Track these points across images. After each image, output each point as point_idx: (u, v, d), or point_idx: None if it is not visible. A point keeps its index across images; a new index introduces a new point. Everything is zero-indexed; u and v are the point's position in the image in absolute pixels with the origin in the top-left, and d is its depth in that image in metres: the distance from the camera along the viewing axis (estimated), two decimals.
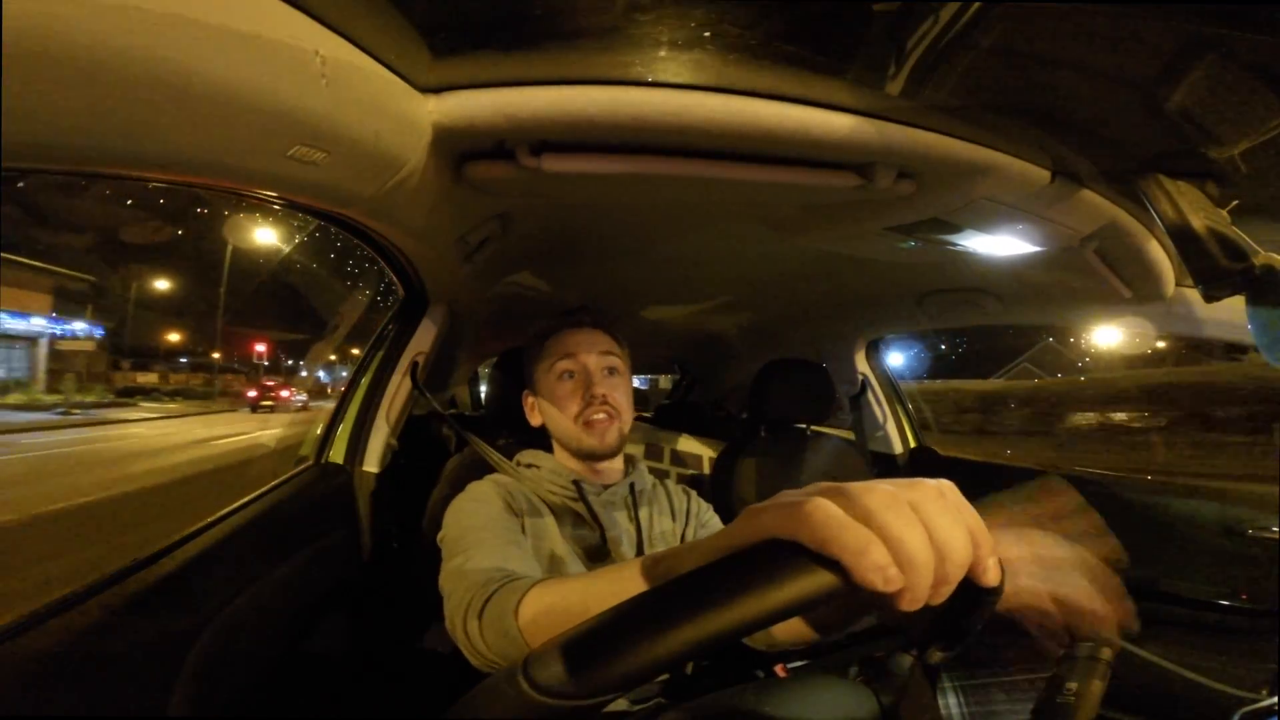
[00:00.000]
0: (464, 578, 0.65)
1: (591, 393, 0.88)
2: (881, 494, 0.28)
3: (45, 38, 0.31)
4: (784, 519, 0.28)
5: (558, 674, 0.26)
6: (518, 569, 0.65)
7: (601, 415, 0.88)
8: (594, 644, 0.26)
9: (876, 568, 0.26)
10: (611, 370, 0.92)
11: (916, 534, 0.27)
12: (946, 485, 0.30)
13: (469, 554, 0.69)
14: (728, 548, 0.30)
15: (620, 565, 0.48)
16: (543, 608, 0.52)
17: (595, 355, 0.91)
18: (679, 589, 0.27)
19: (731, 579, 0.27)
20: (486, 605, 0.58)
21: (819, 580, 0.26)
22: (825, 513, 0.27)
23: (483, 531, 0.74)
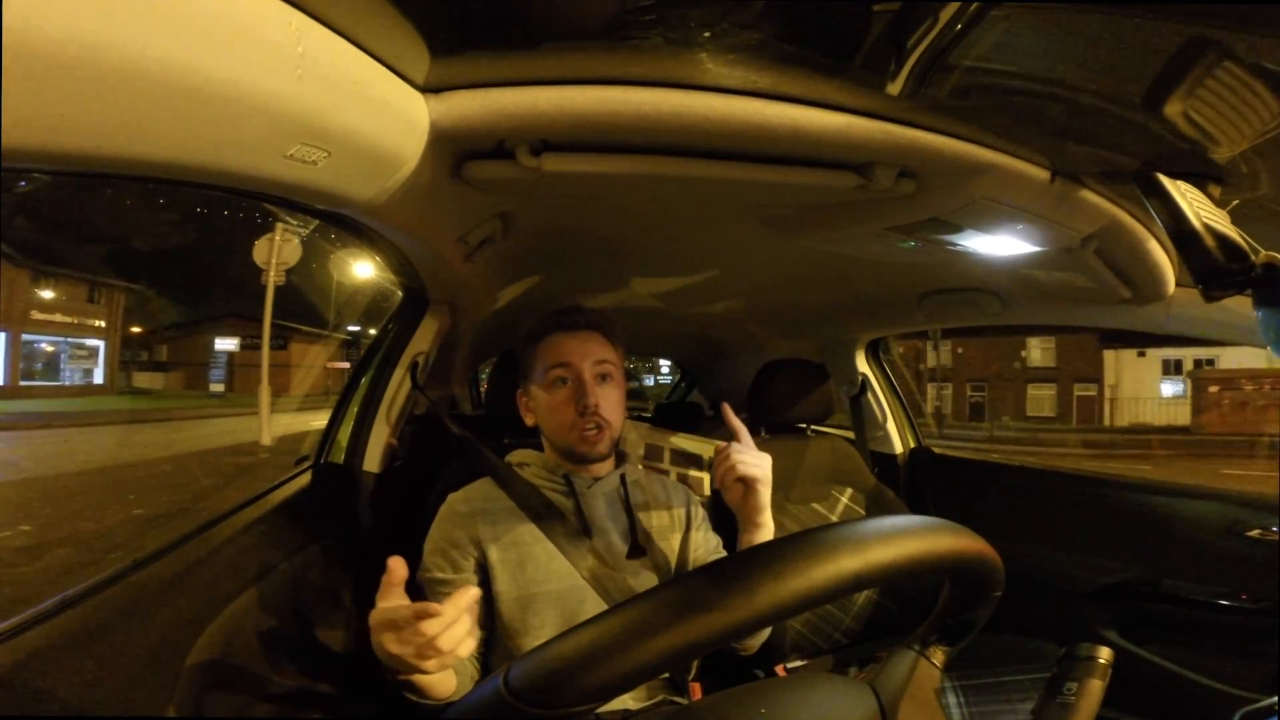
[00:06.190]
0: None
1: (584, 403, 0.88)
2: None
3: (45, 38, 0.31)
4: None
5: (537, 684, 0.28)
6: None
7: (592, 427, 0.88)
8: (569, 656, 0.28)
9: None
10: (604, 377, 0.91)
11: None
12: None
13: None
14: None
15: None
16: None
17: (589, 363, 0.90)
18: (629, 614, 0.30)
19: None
20: None
21: None
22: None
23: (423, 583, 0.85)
